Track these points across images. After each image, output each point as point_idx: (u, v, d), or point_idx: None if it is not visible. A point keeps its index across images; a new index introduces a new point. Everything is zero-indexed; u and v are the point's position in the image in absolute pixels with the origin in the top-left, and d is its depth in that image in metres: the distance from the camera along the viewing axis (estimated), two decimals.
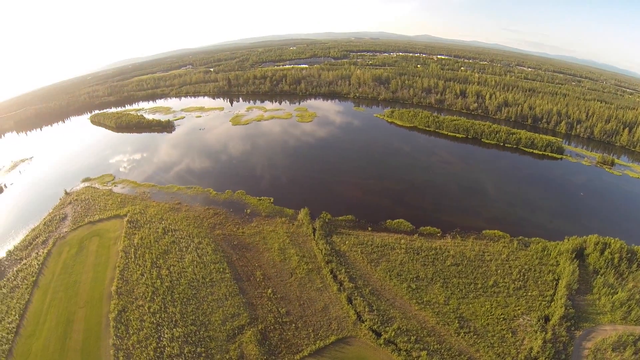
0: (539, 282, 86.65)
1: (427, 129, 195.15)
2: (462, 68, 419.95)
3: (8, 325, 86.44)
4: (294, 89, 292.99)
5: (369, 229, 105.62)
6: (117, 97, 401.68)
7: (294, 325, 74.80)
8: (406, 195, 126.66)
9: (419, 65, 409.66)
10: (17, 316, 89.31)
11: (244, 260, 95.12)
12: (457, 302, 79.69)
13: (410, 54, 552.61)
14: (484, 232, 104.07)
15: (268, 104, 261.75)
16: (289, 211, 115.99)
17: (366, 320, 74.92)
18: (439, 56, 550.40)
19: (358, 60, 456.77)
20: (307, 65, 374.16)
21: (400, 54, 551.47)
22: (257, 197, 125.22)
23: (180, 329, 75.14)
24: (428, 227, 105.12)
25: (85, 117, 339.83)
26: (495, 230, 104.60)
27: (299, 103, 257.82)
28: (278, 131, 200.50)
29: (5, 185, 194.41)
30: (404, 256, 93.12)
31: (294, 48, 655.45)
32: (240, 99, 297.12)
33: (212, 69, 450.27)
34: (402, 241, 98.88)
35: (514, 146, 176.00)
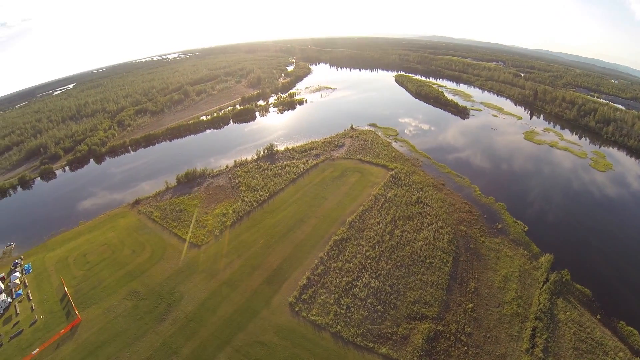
0: None
1: None
2: None
3: (258, 197, 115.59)
4: (599, 128, 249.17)
5: (598, 316, 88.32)
6: (425, 68, 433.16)
7: (466, 348, 71.45)
8: None
9: None
10: (267, 194, 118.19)
11: (468, 265, 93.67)
12: None
13: None
14: None
15: (567, 133, 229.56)
16: (535, 248, 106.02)
17: None
18: None
19: None
20: (623, 107, 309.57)
21: None
22: (514, 219, 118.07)
23: (377, 282, 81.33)
24: None
25: (391, 74, 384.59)
26: None
27: (600, 147, 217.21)
28: (566, 167, 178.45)
29: (306, 101, 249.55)
30: None
31: (616, 82, 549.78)
32: (542, 116, 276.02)
33: (522, 74, 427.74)
34: (620, 354, 78.98)
35: None
